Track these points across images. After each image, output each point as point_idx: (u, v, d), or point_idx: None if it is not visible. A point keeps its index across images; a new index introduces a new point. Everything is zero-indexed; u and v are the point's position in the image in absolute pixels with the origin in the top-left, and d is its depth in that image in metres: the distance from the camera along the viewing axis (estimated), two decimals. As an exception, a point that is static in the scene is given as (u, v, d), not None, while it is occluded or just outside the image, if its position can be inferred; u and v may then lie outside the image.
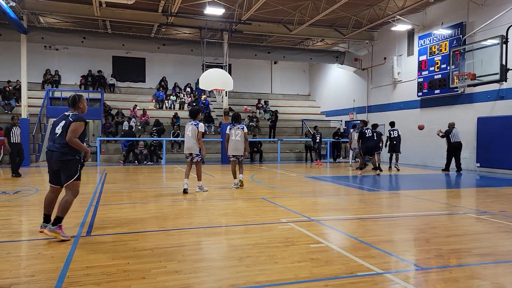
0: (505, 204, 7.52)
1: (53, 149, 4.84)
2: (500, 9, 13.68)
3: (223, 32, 18.76)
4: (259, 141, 20.30)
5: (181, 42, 20.72)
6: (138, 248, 4.44)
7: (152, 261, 4.00)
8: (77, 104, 5.05)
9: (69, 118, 4.88)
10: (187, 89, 24.70)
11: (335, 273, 3.67)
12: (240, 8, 16.92)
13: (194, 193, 8.78)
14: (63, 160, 4.80)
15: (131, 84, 24.92)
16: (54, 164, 4.85)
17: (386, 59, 19.89)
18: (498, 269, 3.88)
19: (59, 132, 4.85)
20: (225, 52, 18.84)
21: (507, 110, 13.74)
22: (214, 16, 17.01)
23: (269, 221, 5.89)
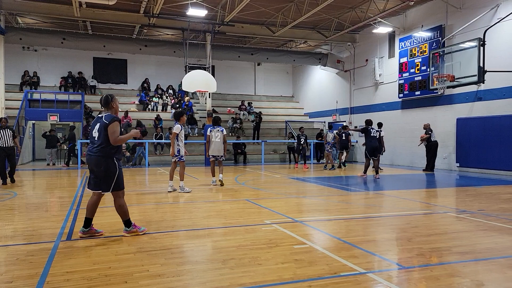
0: (484, 203, 7.69)
1: (91, 153, 4.89)
2: (477, 13, 14.02)
3: (206, 33, 18.71)
4: (243, 143, 20.28)
5: (164, 43, 20.58)
6: (120, 252, 4.37)
7: (134, 265, 3.94)
8: (110, 104, 5.01)
9: (103, 120, 4.87)
10: (170, 91, 24.52)
11: (318, 273, 3.69)
12: (223, 10, 16.91)
13: (177, 196, 8.71)
14: (100, 164, 4.82)
15: (113, 86, 24.59)
16: (91, 166, 4.91)
17: (368, 61, 20.15)
18: (478, 266, 3.96)
19: (96, 135, 4.88)
20: (208, 54, 18.78)
21: (485, 111, 14.07)
22: (196, 18, 16.95)
23: (253, 222, 5.89)
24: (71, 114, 19.85)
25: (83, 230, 4.99)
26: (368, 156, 12.43)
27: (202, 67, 17.95)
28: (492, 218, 6.21)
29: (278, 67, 27.99)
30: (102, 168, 4.82)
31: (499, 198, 8.36)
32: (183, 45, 18.57)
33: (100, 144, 4.82)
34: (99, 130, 4.85)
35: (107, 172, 4.84)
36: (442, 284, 3.44)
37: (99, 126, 4.86)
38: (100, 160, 4.82)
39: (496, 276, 3.68)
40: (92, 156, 4.86)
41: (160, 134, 19.43)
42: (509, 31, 13.13)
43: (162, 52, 20.76)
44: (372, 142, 12.40)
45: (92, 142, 4.92)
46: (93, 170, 4.91)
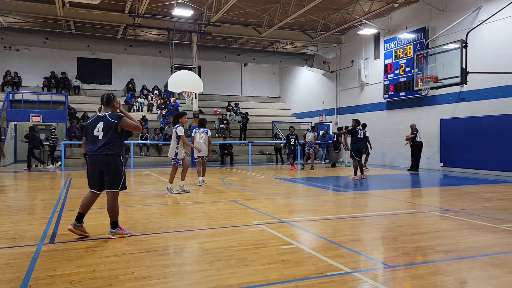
0: (467, 202, 7.82)
1: (97, 153, 4.84)
2: (460, 15, 14.27)
3: (192, 33, 18.62)
4: (230, 144, 20.25)
5: (149, 44, 20.41)
6: (105, 255, 4.31)
7: (119, 267, 3.89)
8: (112, 102, 5.01)
9: (108, 119, 4.86)
10: (156, 91, 24.33)
11: (305, 273, 3.69)
12: (209, 10, 16.85)
13: (163, 197, 8.64)
14: (110, 162, 4.83)
15: (97, 86, 24.26)
16: (98, 166, 4.85)
17: (353, 62, 20.32)
18: (461, 264, 4.02)
19: (100, 135, 4.83)
20: (194, 54, 18.70)
21: (467, 111, 14.33)
22: (182, 18, 16.85)
23: (240, 223, 5.87)
24: (54, 115, 19.53)
25: (75, 224, 4.94)
26: (355, 157, 12.15)
27: (188, 67, 17.84)
28: (475, 216, 6.32)
29: (265, 67, 28.03)
30: (112, 167, 4.84)
31: (481, 197, 8.51)
32: (168, 45, 18.44)
33: (108, 143, 4.81)
34: (104, 130, 4.82)
35: (118, 170, 4.89)
36: (426, 283, 3.49)
37: (104, 125, 4.83)
38: (111, 159, 4.83)
39: (478, 273, 3.75)
40: (100, 156, 4.82)
41: (146, 135, 19.27)
42: (491, 33, 13.39)
43: (148, 52, 20.59)
44: (359, 143, 12.21)
45: (94, 142, 4.86)
46: (100, 170, 4.87)
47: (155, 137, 19.28)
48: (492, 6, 13.24)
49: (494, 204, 7.54)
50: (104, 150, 4.82)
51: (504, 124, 12.90)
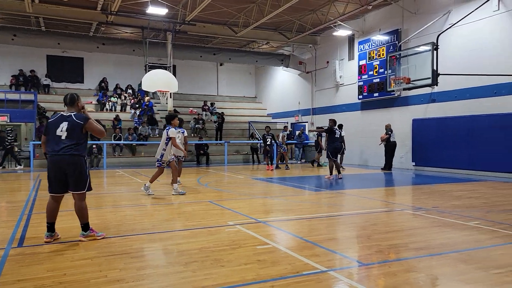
0: (438, 200, 8.04)
1: (60, 153, 4.67)
2: (431, 18, 14.67)
3: (167, 32, 18.40)
4: (206, 144, 20.11)
5: (123, 42, 20.03)
6: (76, 258, 4.19)
7: (91, 270, 3.79)
8: (76, 102, 4.91)
9: (74, 120, 4.74)
10: (129, 91, 23.90)
11: (281, 273, 3.69)
12: (184, 9, 16.68)
13: (137, 198, 8.48)
14: (75, 163, 4.71)
15: (68, 85, 23.59)
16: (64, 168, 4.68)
17: (328, 63, 20.56)
18: (432, 261, 4.12)
19: (64, 135, 4.69)
20: (169, 53, 18.49)
21: (438, 112, 14.74)
22: (157, 16, 16.63)
23: (216, 224, 5.83)
24: (23, 114, 18.88)
25: (49, 235, 4.80)
26: (331, 157, 12.10)
27: (163, 66, 17.63)
28: (445, 214, 6.49)
29: (241, 67, 28.00)
30: (77, 168, 4.73)
31: (451, 195, 8.76)
32: (143, 44, 18.17)
33: (73, 143, 4.69)
34: (68, 130, 4.69)
35: (83, 171, 4.79)
36: (399, 280, 3.55)
37: (69, 125, 4.70)
38: (76, 159, 4.72)
39: (449, 270, 3.84)
40: (64, 156, 4.65)
41: (119, 135, 18.90)
42: (460, 36, 13.82)
43: (121, 50, 20.21)
44: (336, 143, 12.20)
45: (57, 143, 4.69)
46: (64, 171, 4.70)
47: (129, 137, 18.93)
48: (461, 10, 13.66)
49: (463, 202, 7.78)
50: (68, 150, 4.68)
51: (473, 125, 13.34)
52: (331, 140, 12.12)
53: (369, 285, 3.46)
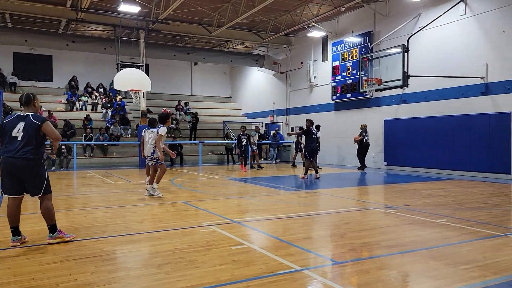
0: (409, 199, 8.24)
1: (16, 155, 4.46)
2: (402, 21, 15.03)
3: (139, 30, 18.07)
4: (180, 144, 19.90)
5: (93, 40, 19.53)
6: (45, 262, 4.05)
7: (61, 274, 3.67)
8: (32, 102, 4.73)
9: (32, 120, 4.55)
10: (100, 90, 23.35)
11: (256, 273, 3.69)
12: (157, 7, 16.43)
13: (109, 200, 8.30)
14: (31, 167, 4.51)
15: (36, 84, 22.82)
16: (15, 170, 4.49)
17: (303, 63, 20.74)
18: (403, 258, 4.21)
19: (20, 136, 4.50)
20: (142, 52, 18.17)
21: (409, 113, 15.12)
22: (129, 14, 16.30)
23: (190, 225, 5.77)
24: (-12, 114, 18.11)
25: (15, 239, 4.64)
26: (308, 157, 12.06)
27: (135, 65, 17.31)
28: (415, 212, 6.66)
29: (216, 67, 27.86)
30: (33, 172, 4.54)
31: (421, 193, 9.00)
32: (114, 42, 17.78)
33: (30, 148, 4.49)
34: (24, 130, 4.50)
35: (39, 174, 4.59)
36: (372, 277, 3.61)
37: (25, 126, 4.52)
38: (32, 163, 4.52)
39: (419, 266, 3.94)
40: (18, 159, 4.46)
41: (90, 135, 18.44)
42: (430, 39, 14.22)
43: (92, 48, 19.70)
44: (313, 143, 12.17)
45: (12, 144, 4.50)
46: (15, 173, 4.51)
47: (100, 137, 18.50)
48: (430, 14, 14.07)
49: (432, 200, 8.00)
50: (24, 154, 4.48)
51: (441, 125, 13.76)
52: (309, 141, 12.18)
53: (342, 283, 3.50)
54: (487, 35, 12.55)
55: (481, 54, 12.65)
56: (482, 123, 12.56)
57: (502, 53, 12.15)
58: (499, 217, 6.33)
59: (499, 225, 5.74)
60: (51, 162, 16.73)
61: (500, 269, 3.80)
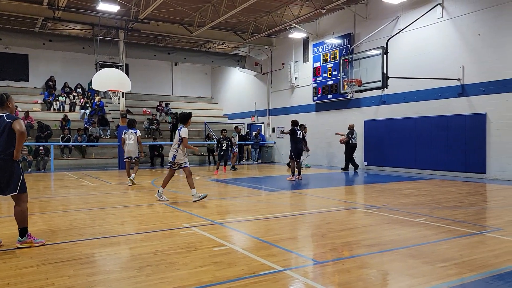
0: (388, 198, 8.37)
1: None
2: (381, 23, 15.26)
3: (119, 30, 17.80)
4: (160, 145, 19.69)
5: (71, 39, 19.12)
6: (21, 266, 3.95)
7: (37, 279, 3.58)
8: (6, 103, 4.67)
9: (5, 119, 4.53)
10: (79, 90, 22.89)
11: (238, 274, 3.68)
12: (137, 6, 16.23)
13: (87, 202, 8.14)
14: (5, 166, 4.50)
15: (11, 83, 22.16)
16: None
17: (284, 64, 20.82)
18: (383, 257, 4.27)
19: None
20: (121, 51, 17.90)
21: (388, 113, 15.37)
22: (108, 13, 16.04)
23: (171, 227, 5.71)
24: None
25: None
26: (294, 158, 11.93)
27: (114, 65, 17.04)
28: (395, 212, 6.77)
29: (197, 67, 27.70)
30: (8, 170, 4.51)
31: (400, 193, 9.16)
32: (93, 42, 17.46)
33: (4, 145, 4.49)
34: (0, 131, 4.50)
35: (14, 173, 4.56)
36: (352, 276, 3.65)
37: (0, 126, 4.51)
38: (5, 163, 4.50)
39: (399, 265, 4.00)
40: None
41: (68, 136, 18.06)
42: (408, 41, 14.48)
43: (70, 48, 19.28)
44: (299, 144, 12.07)
45: None
46: None
47: (78, 138, 18.13)
48: (408, 16, 14.33)
49: (411, 200, 8.15)
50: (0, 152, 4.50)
51: (420, 126, 14.03)
52: (294, 141, 12.04)
53: (324, 282, 3.52)
54: (463, 38, 12.87)
55: (458, 56, 12.96)
56: (459, 124, 12.88)
57: (478, 56, 12.48)
58: (475, 216, 6.50)
59: (475, 223, 5.88)
60: (27, 163, 16.30)
61: (476, 266, 3.89)
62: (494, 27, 12.07)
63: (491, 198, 8.70)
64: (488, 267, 3.87)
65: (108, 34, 18.20)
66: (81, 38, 19.21)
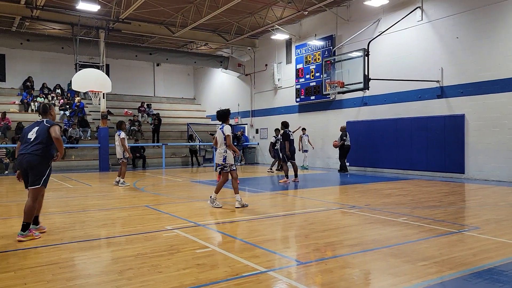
0: (370, 198, 8.46)
1: (24, 152, 5.13)
2: (362, 25, 15.45)
3: (99, 30, 17.51)
4: (142, 146, 19.46)
5: (50, 39, 18.72)
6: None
7: (15, 284, 3.49)
8: (49, 111, 5.44)
9: (44, 124, 5.22)
10: (58, 90, 22.43)
11: (221, 276, 3.65)
12: (118, 6, 16.01)
13: (67, 205, 7.97)
14: (34, 162, 5.10)
15: (-13, 84, 21.63)
16: (25, 165, 5.13)
17: (267, 65, 20.86)
18: (365, 257, 4.31)
19: (33, 137, 5.16)
20: (102, 52, 17.62)
21: (369, 115, 15.56)
22: (88, 12, 15.76)
23: (153, 229, 5.64)
24: None
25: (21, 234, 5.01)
26: (287, 160, 11.75)
27: (95, 65, 16.77)
28: (377, 211, 6.85)
29: (179, 68, 27.50)
30: (39, 165, 5.12)
31: (382, 193, 9.28)
32: (72, 41, 17.14)
33: (39, 144, 5.11)
34: (38, 132, 5.15)
35: (45, 168, 5.19)
36: (335, 276, 3.67)
37: (38, 128, 5.19)
38: (39, 159, 5.12)
39: (380, 264, 4.05)
40: (30, 154, 5.09)
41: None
42: (389, 43, 14.70)
43: (48, 48, 18.87)
44: (292, 146, 11.87)
45: (27, 143, 5.15)
46: (26, 168, 5.12)
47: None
48: (389, 19, 14.54)
49: (393, 200, 8.26)
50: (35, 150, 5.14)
51: (400, 127, 14.25)
52: (289, 144, 11.76)
53: (307, 283, 3.53)
54: (442, 40, 13.14)
55: (437, 59, 13.23)
56: (438, 125, 13.13)
57: (456, 58, 12.76)
58: (454, 215, 6.63)
59: (454, 222, 6.00)
60: (4, 166, 15.89)
61: (455, 264, 3.97)
62: (471, 30, 12.36)
63: (469, 198, 8.90)
64: (467, 265, 3.95)
65: (88, 34, 17.89)
66: (60, 37, 18.83)
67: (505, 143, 11.53)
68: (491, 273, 3.73)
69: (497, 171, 11.70)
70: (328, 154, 17.13)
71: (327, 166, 17.27)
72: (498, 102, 11.71)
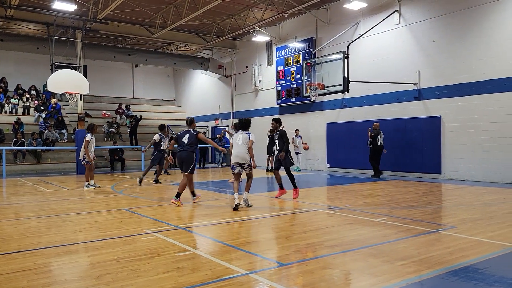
0: (350, 199, 8.55)
1: (183, 149, 7.90)
2: (342, 28, 15.64)
3: (76, 30, 17.15)
4: (120, 149, 19.16)
5: (25, 39, 18.23)
6: (-33, 280, 3.68)
7: (-15, 293, 3.36)
8: (193, 123, 8.31)
9: (192, 132, 7.99)
10: (33, 92, 21.86)
11: (201, 279, 3.61)
12: (96, 6, 15.73)
13: (43, 209, 7.76)
14: (188, 157, 7.89)
15: (-40, 84, 20.90)
16: (184, 159, 7.89)
17: (248, 67, 20.87)
18: (345, 257, 4.35)
19: (186, 141, 7.89)
20: (79, 52, 17.26)
21: (349, 116, 15.75)
22: (64, 12, 15.41)
23: (132, 233, 5.55)
24: None
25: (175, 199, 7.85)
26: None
27: (71, 66, 16.42)
28: (356, 212, 6.92)
29: (159, 69, 27.22)
30: (191, 158, 7.89)
31: (361, 194, 9.39)
32: (48, 42, 16.74)
33: (191, 145, 7.90)
34: (189, 138, 7.88)
35: (193, 160, 7.93)
36: (316, 277, 3.68)
37: (189, 135, 7.91)
38: (189, 155, 7.89)
39: (360, 264, 4.08)
40: (183, 151, 7.89)
41: (22, 140, 17.19)
42: (368, 46, 14.91)
43: (23, 48, 18.38)
44: None
45: (182, 145, 7.90)
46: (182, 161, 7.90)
47: (33, 143, 17.29)
48: (368, 22, 14.77)
49: (372, 200, 8.37)
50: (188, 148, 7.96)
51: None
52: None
53: (288, 284, 3.53)
54: (419, 43, 13.42)
55: (414, 62, 13.50)
56: (416, 127, 13.39)
57: (432, 61, 13.05)
58: (431, 215, 6.76)
59: (431, 222, 6.12)
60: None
61: (433, 263, 4.04)
62: (447, 34, 12.67)
63: (446, 198, 9.10)
64: (444, 263, 4.02)
65: (65, 34, 17.48)
66: (35, 38, 18.37)
67: (480, 144, 11.85)
68: (467, 271, 3.81)
69: (472, 171, 12.01)
70: (308, 156, 17.24)
71: (310, 167, 17.38)
72: (473, 104, 12.04)
